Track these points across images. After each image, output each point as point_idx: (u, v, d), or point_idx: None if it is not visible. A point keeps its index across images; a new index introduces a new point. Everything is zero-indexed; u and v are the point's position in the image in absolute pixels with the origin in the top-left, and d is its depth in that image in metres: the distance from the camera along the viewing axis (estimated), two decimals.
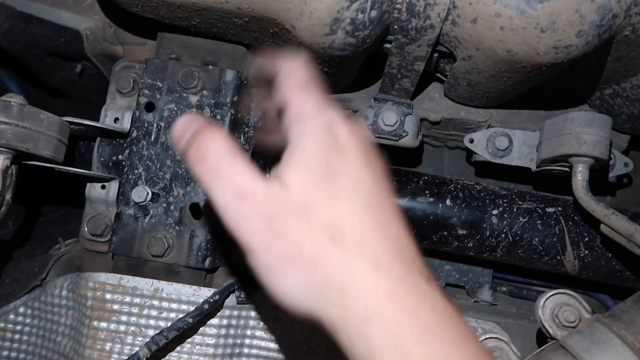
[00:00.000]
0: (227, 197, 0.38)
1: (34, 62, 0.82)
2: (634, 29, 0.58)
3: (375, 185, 0.39)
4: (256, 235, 0.37)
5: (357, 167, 0.38)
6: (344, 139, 0.39)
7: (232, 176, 0.38)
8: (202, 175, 0.39)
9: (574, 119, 0.65)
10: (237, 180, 0.38)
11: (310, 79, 0.41)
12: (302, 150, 0.38)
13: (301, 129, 0.39)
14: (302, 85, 0.41)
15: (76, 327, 0.66)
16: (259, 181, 0.38)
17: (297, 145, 0.38)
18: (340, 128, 0.39)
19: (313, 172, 0.37)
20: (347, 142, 0.39)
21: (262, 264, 0.38)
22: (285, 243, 0.37)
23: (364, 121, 0.76)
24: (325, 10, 0.56)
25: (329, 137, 0.38)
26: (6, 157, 0.60)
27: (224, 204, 0.38)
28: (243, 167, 0.38)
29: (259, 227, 0.37)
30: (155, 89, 0.68)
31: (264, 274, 0.38)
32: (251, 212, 0.37)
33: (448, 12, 0.58)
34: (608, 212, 0.61)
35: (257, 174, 0.38)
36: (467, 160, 0.88)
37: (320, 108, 0.39)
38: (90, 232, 0.69)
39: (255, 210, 0.37)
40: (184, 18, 0.66)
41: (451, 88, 0.73)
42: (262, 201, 0.37)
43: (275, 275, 0.38)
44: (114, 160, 0.70)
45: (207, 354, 0.65)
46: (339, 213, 0.37)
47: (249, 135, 0.70)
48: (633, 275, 0.72)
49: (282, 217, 0.37)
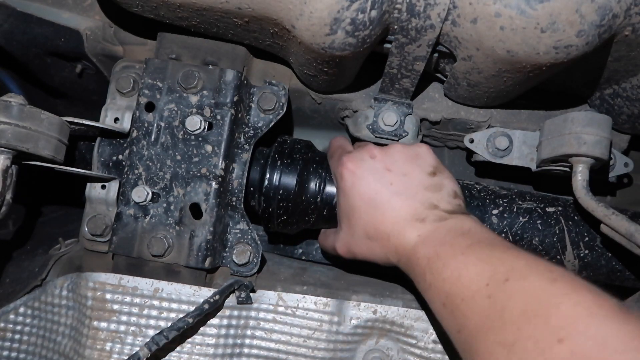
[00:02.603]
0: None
1: (34, 62, 0.82)
2: (634, 29, 0.58)
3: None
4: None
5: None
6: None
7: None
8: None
9: (574, 119, 0.65)
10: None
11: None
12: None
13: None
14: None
15: (76, 327, 0.66)
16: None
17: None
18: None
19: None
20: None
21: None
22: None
23: (364, 121, 0.76)
24: (325, 10, 0.56)
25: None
26: (6, 157, 0.60)
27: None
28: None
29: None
30: (156, 89, 0.68)
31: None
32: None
33: (448, 12, 0.58)
34: (608, 212, 0.61)
35: None
36: (467, 160, 0.88)
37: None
38: (90, 232, 0.69)
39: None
40: (184, 18, 0.66)
41: (451, 88, 0.73)
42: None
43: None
44: (114, 160, 0.70)
45: (207, 354, 0.65)
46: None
47: (249, 135, 0.70)
48: (633, 275, 0.72)
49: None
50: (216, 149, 0.67)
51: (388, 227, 0.59)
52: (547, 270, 0.45)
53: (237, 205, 0.69)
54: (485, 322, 0.44)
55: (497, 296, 0.44)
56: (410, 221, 0.58)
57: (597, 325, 0.38)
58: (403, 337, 0.67)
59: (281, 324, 0.66)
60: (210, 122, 0.67)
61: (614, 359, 0.35)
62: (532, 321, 0.40)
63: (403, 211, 0.59)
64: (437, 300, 0.51)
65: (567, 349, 0.37)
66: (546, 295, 0.42)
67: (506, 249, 0.51)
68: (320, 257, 0.80)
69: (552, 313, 0.40)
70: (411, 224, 0.58)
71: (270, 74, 0.76)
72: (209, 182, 0.66)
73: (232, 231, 0.70)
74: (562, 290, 0.42)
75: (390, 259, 0.60)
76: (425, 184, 0.61)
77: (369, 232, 0.61)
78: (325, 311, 0.67)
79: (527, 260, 0.47)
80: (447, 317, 0.50)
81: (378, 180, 0.61)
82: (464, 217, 0.58)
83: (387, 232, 0.59)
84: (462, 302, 0.47)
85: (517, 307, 0.42)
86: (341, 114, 0.80)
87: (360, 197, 0.61)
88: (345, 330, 0.67)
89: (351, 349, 0.67)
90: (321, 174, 0.71)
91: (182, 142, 0.67)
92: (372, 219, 0.60)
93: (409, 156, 0.63)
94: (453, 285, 0.49)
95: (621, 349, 0.36)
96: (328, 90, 0.77)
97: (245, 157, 0.70)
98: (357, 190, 0.62)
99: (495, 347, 0.42)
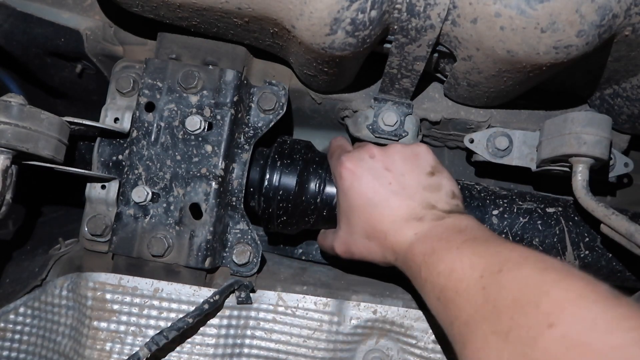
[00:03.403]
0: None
1: (34, 62, 0.82)
2: (634, 29, 0.58)
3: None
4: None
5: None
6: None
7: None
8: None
9: (574, 119, 0.65)
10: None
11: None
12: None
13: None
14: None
15: (76, 327, 0.66)
16: None
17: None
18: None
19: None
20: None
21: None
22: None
23: (364, 121, 0.76)
24: (325, 10, 0.56)
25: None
26: (6, 157, 0.60)
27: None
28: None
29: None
30: (156, 89, 0.68)
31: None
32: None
33: (448, 12, 0.58)
34: (608, 212, 0.61)
35: None
36: (467, 160, 0.88)
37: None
38: (90, 232, 0.69)
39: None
40: (184, 18, 0.66)
41: (451, 88, 0.73)
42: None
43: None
44: (114, 160, 0.70)
45: (207, 354, 0.65)
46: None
47: (249, 135, 0.70)
48: (633, 275, 0.72)
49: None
50: (216, 149, 0.67)
51: (386, 225, 0.59)
52: (540, 261, 0.45)
53: (237, 205, 0.69)
54: (479, 312, 0.44)
55: (490, 287, 0.45)
56: (407, 220, 0.58)
57: (587, 308, 0.38)
58: (403, 337, 0.67)
59: (281, 324, 0.66)
60: (210, 122, 0.67)
61: (604, 340, 0.35)
62: (523, 309, 0.41)
63: (401, 210, 0.59)
64: (432, 295, 0.52)
65: (558, 333, 0.37)
66: (537, 283, 0.42)
67: (501, 243, 0.51)
68: (320, 257, 0.80)
69: (543, 300, 0.40)
70: (408, 222, 0.58)
71: (270, 74, 0.76)
72: (209, 182, 0.66)
73: (232, 231, 0.70)
74: (552, 278, 0.42)
75: (387, 258, 0.60)
76: (423, 184, 0.61)
77: (367, 231, 0.61)
78: (325, 311, 0.67)
79: (520, 252, 0.47)
80: (442, 311, 0.50)
81: (377, 179, 0.61)
82: (461, 216, 0.58)
83: (384, 231, 0.59)
84: (457, 295, 0.48)
85: (510, 297, 0.43)
86: (341, 114, 0.80)
87: (358, 196, 0.61)
88: (345, 330, 0.67)
89: (351, 349, 0.67)
90: (321, 174, 0.71)
91: (182, 142, 0.67)
92: (370, 218, 0.60)
93: (408, 156, 0.63)
94: (447, 279, 0.49)
95: (611, 329, 0.36)
96: (328, 90, 0.77)
97: (245, 157, 0.70)
98: (355, 190, 0.62)
99: (489, 337, 0.42)
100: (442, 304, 0.50)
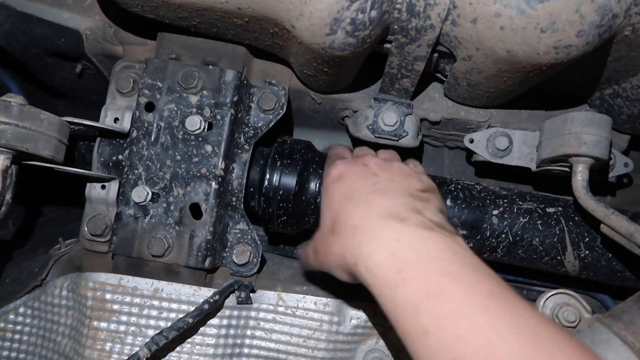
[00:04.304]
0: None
1: (34, 62, 0.82)
2: (634, 29, 0.58)
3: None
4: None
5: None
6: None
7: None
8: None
9: (574, 119, 0.66)
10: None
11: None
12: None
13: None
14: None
15: (76, 327, 0.66)
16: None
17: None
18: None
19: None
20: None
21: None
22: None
23: (364, 121, 0.76)
24: (325, 10, 0.56)
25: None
26: (6, 157, 0.60)
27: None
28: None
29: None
30: (155, 89, 0.68)
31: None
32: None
33: (448, 12, 0.58)
34: (608, 212, 0.61)
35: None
36: (467, 160, 0.88)
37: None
38: (90, 232, 0.69)
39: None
40: (184, 18, 0.66)
41: (451, 88, 0.73)
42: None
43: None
44: (114, 160, 0.70)
45: (207, 354, 0.65)
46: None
47: (249, 135, 0.70)
48: (633, 275, 0.72)
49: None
50: (216, 149, 0.67)
51: (357, 220, 0.51)
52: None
53: (237, 205, 0.69)
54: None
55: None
56: (385, 218, 0.49)
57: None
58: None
59: (281, 324, 0.66)
60: (210, 122, 0.67)
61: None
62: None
63: (380, 208, 0.51)
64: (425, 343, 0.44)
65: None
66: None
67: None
68: None
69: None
70: (387, 221, 0.49)
71: (270, 74, 0.76)
72: (209, 182, 0.66)
73: (232, 231, 0.70)
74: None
75: (346, 259, 0.51)
76: (411, 192, 0.55)
77: (335, 226, 0.53)
78: (325, 311, 0.67)
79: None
80: None
81: (363, 179, 0.56)
82: (452, 236, 0.50)
83: (354, 225, 0.51)
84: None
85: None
86: (341, 114, 0.80)
87: (339, 191, 0.56)
88: (345, 330, 0.67)
89: (351, 349, 0.67)
90: (321, 174, 0.71)
91: (182, 142, 0.67)
92: (342, 211, 0.53)
93: (405, 172, 0.59)
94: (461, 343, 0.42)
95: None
96: (328, 90, 0.77)
97: (245, 157, 0.70)
98: (337, 186, 0.57)
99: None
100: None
